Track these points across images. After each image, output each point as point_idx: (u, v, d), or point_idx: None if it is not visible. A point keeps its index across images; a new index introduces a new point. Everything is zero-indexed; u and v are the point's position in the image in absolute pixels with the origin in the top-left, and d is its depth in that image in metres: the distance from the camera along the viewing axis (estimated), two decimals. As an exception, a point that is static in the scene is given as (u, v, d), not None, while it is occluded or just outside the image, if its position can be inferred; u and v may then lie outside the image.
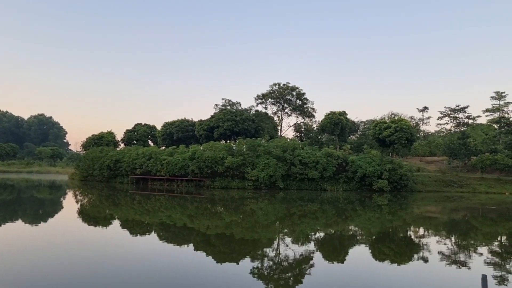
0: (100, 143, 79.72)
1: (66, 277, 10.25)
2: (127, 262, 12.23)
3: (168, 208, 29.05)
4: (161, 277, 10.54)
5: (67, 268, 11.16)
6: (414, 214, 28.81)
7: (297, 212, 27.58)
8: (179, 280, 10.22)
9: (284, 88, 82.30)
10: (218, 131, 69.87)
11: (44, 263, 11.67)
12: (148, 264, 12.03)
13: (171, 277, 10.54)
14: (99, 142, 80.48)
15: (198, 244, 15.78)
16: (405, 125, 59.96)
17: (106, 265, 11.66)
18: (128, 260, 12.44)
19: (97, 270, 11.02)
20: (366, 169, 48.85)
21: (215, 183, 52.05)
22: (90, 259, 12.36)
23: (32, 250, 13.55)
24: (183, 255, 13.56)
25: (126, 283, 9.88)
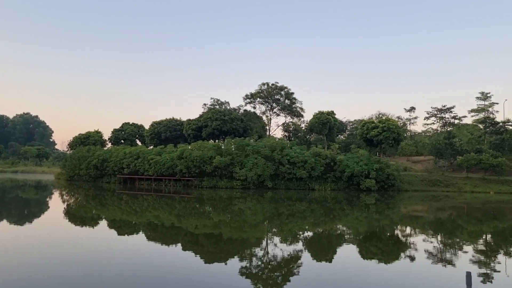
0: (87, 142, 78.88)
1: (50, 278, 10.11)
2: (114, 262, 12.12)
3: (156, 208, 28.87)
4: (148, 277, 10.47)
5: (52, 269, 11.01)
6: (401, 213, 29.09)
7: (285, 211, 27.64)
8: (167, 280, 10.17)
9: (273, 87, 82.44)
10: (206, 131, 69.64)
11: (28, 264, 11.50)
12: (135, 264, 11.94)
13: (159, 277, 10.48)
14: (85, 141, 79.63)
15: (186, 244, 15.72)
16: (392, 125, 60.50)
17: (93, 266, 11.54)
18: (115, 261, 12.33)
19: (83, 271, 10.90)
20: (353, 169, 49.18)
21: (203, 183, 51.89)
22: (76, 259, 12.22)
23: (16, 251, 13.34)
24: (171, 255, 13.49)
25: (113, 284, 9.79)
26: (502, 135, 68.78)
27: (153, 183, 55.48)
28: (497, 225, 23.63)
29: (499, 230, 21.76)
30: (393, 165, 52.52)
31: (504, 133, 69.72)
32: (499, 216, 28.60)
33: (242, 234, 18.29)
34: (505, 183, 54.81)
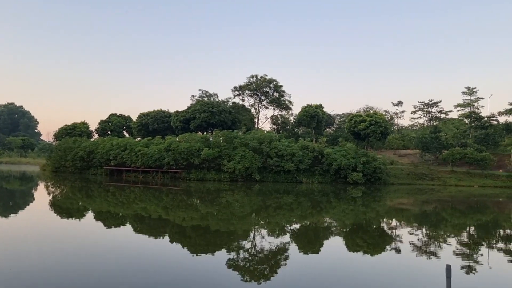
0: (73, 133, 78.02)
1: (33, 271, 10.02)
2: (101, 254, 12.06)
3: (143, 200, 28.74)
4: (136, 269, 10.45)
5: (36, 262, 10.91)
6: (387, 206, 29.44)
7: (272, 204, 27.77)
8: (155, 272, 10.16)
9: (262, 80, 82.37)
10: (194, 123, 69.37)
11: (13, 257, 11.37)
12: (122, 256, 11.89)
13: (146, 269, 10.46)
14: (72, 132, 78.75)
15: (174, 236, 15.71)
16: (380, 119, 61.01)
17: (79, 258, 11.46)
18: (102, 252, 12.27)
19: (68, 264, 10.82)
20: (341, 162, 49.54)
21: (191, 175, 51.80)
22: (62, 251, 12.12)
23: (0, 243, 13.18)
24: (158, 247, 13.47)
25: (100, 276, 9.75)
26: (487, 129, 69.92)
27: (140, 175, 55.18)
28: (480, 218, 24.08)
29: (482, 223, 22.17)
30: (380, 158, 53.07)
31: (489, 127, 70.90)
32: (482, 209, 29.15)
33: (229, 226, 18.33)
34: (489, 177, 55.81)
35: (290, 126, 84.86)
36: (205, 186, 42.73)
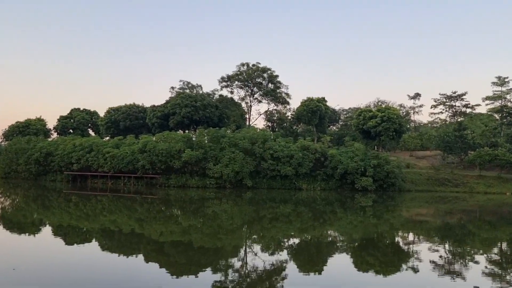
0: (27, 132, 77.30)
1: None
2: (60, 276, 11.89)
3: (113, 211, 28.50)
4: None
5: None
6: (402, 217, 29.49)
7: (267, 215, 27.68)
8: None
9: (254, 69, 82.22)
10: (174, 119, 69.11)
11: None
12: (87, 278, 11.74)
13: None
14: (25, 130, 78.02)
15: (150, 253, 15.57)
16: (394, 114, 61.19)
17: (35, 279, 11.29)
18: (62, 274, 12.10)
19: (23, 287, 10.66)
20: (347, 165, 49.65)
21: (170, 181, 51.60)
22: (12, 273, 11.93)
23: None
24: (131, 267, 13.33)
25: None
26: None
27: (109, 181, 54.85)
28: (512, 231, 24.24)
29: (515, 237, 22.31)
30: (394, 161, 53.25)
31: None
32: (515, 220, 29.35)
33: (216, 241, 18.23)
34: (523, 183, 56.11)
35: (288, 123, 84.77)
36: (187, 194, 42.48)
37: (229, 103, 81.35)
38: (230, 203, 35.01)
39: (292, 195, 42.85)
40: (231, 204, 34.77)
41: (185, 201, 36.39)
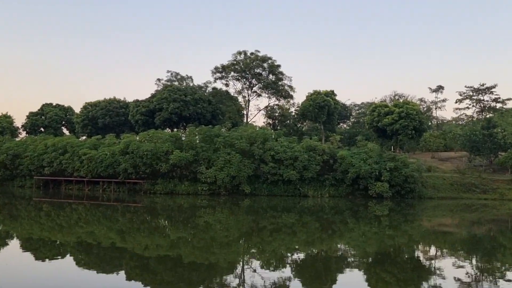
0: (-9, 130, 77.32)
1: None
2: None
3: (90, 221, 28.45)
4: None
5: None
6: (423, 228, 29.49)
7: (268, 225, 27.68)
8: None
9: (252, 58, 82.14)
10: (161, 116, 69.06)
11: None
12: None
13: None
14: (-12, 129, 78.03)
15: (132, 270, 15.55)
16: (413, 110, 61.16)
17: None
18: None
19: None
20: (360, 168, 49.57)
21: (156, 187, 51.55)
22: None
23: None
24: (111, 286, 13.32)
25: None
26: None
27: (86, 187, 54.78)
28: (549, 244, 24.24)
29: (552, 250, 22.31)
30: (413, 163, 53.17)
31: None
32: (552, 231, 29.34)
33: (209, 256, 18.22)
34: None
35: (291, 120, 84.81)
36: (175, 201, 42.45)
37: (224, 97, 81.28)
38: (225, 212, 35.00)
39: (296, 203, 42.85)
40: (227, 213, 34.77)
41: (174, 210, 36.36)
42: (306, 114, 73.54)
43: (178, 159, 49.53)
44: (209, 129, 54.54)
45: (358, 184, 50.72)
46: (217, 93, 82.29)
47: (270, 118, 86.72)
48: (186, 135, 55.16)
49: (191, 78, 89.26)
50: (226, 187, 49.63)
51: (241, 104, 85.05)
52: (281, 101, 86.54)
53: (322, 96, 71.23)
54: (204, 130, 54.22)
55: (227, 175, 48.77)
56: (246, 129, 55.80)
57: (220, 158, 49.90)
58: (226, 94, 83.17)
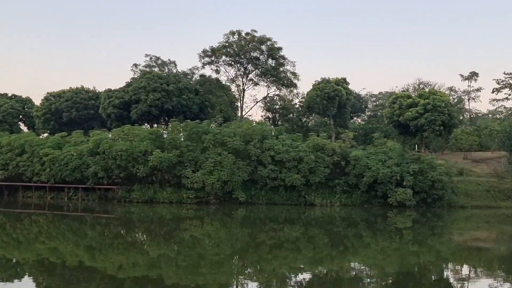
0: None
1: None
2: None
3: (53, 236, 28.44)
4: None
5: None
6: (453, 244, 29.55)
7: (267, 240, 27.69)
8: None
9: (248, 39, 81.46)
10: (138, 109, 68.92)
11: None
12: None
13: None
14: None
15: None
16: (441, 102, 61.17)
17: None
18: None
19: None
20: (378, 172, 49.50)
21: (132, 194, 51.31)
22: None
23: None
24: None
25: None
26: None
27: (48, 194, 54.65)
28: None
29: None
30: (442, 166, 53.21)
31: None
32: None
33: (196, 278, 18.22)
34: None
35: (295, 113, 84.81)
36: (156, 211, 42.43)
37: (214, 86, 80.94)
38: (215, 225, 35.01)
39: (301, 213, 42.88)
40: (217, 225, 34.76)
41: (154, 221, 36.37)
42: (312, 106, 73.59)
43: (159, 161, 49.37)
44: (196, 124, 54.38)
45: (375, 190, 50.66)
46: (205, 81, 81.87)
47: (270, 111, 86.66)
48: (169, 131, 55.01)
49: (174, 64, 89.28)
50: (216, 194, 49.42)
51: (234, 94, 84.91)
52: (283, 90, 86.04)
53: (332, 85, 71.27)
54: (190, 125, 54.06)
55: (218, 179, 48.61)
56: (240, 125, 55.65)
57: (210, 160, 49.71)
58: (216, 83, 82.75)
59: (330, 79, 72.77)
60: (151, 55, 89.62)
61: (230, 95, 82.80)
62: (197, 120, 57.91)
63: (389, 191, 49.66)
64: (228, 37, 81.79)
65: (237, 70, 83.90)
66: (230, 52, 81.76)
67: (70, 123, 76.89)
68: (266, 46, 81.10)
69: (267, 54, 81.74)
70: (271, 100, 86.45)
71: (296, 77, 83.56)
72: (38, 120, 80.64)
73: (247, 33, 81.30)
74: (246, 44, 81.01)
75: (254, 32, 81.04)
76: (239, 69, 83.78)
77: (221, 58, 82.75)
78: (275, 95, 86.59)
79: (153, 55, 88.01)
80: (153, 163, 49.19)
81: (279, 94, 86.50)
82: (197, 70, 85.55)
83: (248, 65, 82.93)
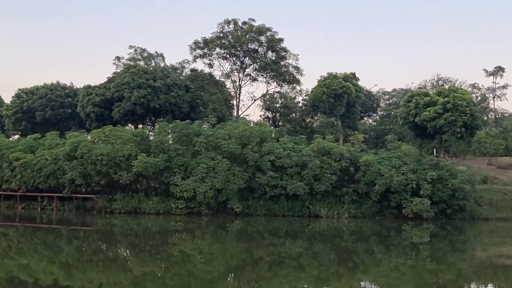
0: None
1: None
2: None
3: (24, 251, 28.41)
4: None
5: None
6: (476, 261, 29.52)
7: (266, 256, 27.66)
8: None
9: (246, 29, 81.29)
10: (121, 107, 68.90)
11: None
12: None
13: None
14: None
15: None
16: (463, 100, 61.25)
17: None
18: None
19: None
20: (391, 179, 49.46)
21: (114, 204, 51.17)
22: None
23: None
24: None
25: None
26: None
27: (18, 204, 54.63)
28: None
29: None
30: (463, 172, 53.23)
31: None
32: None
33: (186, 299, 18.20)
34: None
35: (298, 113, 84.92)
36: (140, 223, 42.42)
37: (206, 82, 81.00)
38: (207, 239, 35.00)
39: (304, 226, 42.89)
40: (210, 239, 34.76)
41: (138, 235, 36.35)
42: (317, 105, 73.74)
43: (144, 166, 49.30)
44: (186, 125, 54.40)
45: (388, 200, 50.61)
46: (197, 76, 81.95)
47: (269, 110, 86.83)
48: (155, 133, 55.04)
49: (162, 56, 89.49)
50: (209, 204, 49.31)
51: (229, 91, 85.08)
52: (284, 87, 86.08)
53: (340, 81, 71.40)
54: (180, 126, 54.05)
55: (211, 187, 48.54)
56: (236, 126, 55.57)
57: (201, 165, 49.65)
58: (209, 78, 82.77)
59: (337, 75, 72.93)
60: (135, 46, 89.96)
61: (224, 92, 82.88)
62: (187, 120, 57.85)
63: (404, 201, 49.56)
64: (222, 27, 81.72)
65: (233, 64, 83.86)
66: (225, 43, 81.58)
67: (44, 123, 76.91)
68: (265, 37, 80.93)
69: (267, 46, 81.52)
70: (271, 98, 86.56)
71: (299, 72, 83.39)
72: (8, 120, 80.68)
73: (244, 22, 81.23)
74: (243, 35, 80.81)
75: (252, 21, 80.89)
76: (235, 63, 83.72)
77: (215, 50, 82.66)
78: (276, 92, 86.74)
79: (138, 47, 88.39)
80: (138, 169, 49.07)
81: (280, 91, 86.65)
82: (187, 64, 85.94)
83: (245, 58, 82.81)
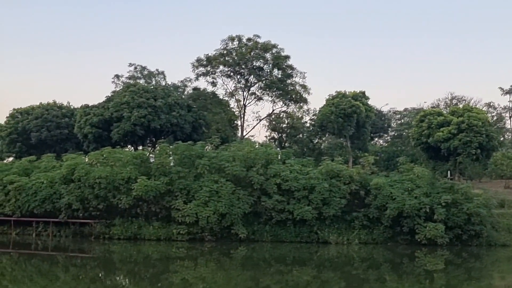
0: None
1: None
2: None
3: (19, 279, 28.45)
4: None
5: None
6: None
7: (272, 285, 27.71)
8: None
9: (251, 46, 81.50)
10: (120, 128, 69.02)
11: None
12: None
13: None
14: None
15: None
16: (478, 120, 61.22)
17: None
18: None
19: None
20: (403, 203, 49.35)
21: (113, 230, 51.12)
22: None
23: None
24: None
25: None
26: None
27: (13, 229, 54.66)
28: None
29: None
30: (480, 196, 53.11)
31: None
32: None
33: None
34: None
35: (306, 133, 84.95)
36: (140, 250, 42.42)
37: (209, 101, 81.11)
38: (211, 266, 34.98)
39: (312, 253, 42.84)
40: (213, 267, 34.76)
41: (138, 262, 36.34)
42: (326, 125, 73.80)
43: (145, 190, 49.35)
44: (188, 146, 54.56)
45: (400, 225, 50.49)
46: (200, 95, 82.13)
47: (275, 130, 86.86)
48: (156, 155, 55.14)
49: (163, 75, 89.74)
50: (212, 230, 49.27)
51: (233, 111, 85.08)
52: (291, 106, 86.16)
53: (349, 100, 71.50)
54: (182, 148, 54.22)
55: (214, 212, 48.52)
56: (241, 147, 55.70)
57: (204, 189, 49.67)
58: (212, 97, 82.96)
59: (346, 93, 73.03)
60: (135, 64, 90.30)
61: (228, 112, 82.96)
62: (189, 141, 58.09)
63: (417, 226, 49.41)
64: (226, 44, 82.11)
65: (237, 82, 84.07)
66: (228, 61, 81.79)
67: (39, 145, 77.09)
68: (271, 54, 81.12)
69: (272, 63, 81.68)
70: (277, 117, 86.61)
71: (306, 91, 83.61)
72: (2, 142, 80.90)
73: (249, 38, 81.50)
74: (247, 52, 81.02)
75: (257, 37, 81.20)
76: (239, 81, 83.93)
77: (218, 68, 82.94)
78: (282, 112, 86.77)
79: (138, 65, 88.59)
80: (138, 193, 49.13)
81: (286, 111, 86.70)
82: (190, 83, 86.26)
83: (250, 76, 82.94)
